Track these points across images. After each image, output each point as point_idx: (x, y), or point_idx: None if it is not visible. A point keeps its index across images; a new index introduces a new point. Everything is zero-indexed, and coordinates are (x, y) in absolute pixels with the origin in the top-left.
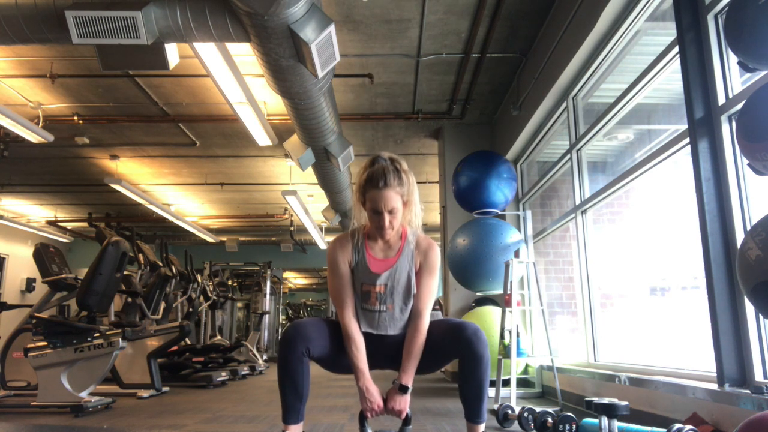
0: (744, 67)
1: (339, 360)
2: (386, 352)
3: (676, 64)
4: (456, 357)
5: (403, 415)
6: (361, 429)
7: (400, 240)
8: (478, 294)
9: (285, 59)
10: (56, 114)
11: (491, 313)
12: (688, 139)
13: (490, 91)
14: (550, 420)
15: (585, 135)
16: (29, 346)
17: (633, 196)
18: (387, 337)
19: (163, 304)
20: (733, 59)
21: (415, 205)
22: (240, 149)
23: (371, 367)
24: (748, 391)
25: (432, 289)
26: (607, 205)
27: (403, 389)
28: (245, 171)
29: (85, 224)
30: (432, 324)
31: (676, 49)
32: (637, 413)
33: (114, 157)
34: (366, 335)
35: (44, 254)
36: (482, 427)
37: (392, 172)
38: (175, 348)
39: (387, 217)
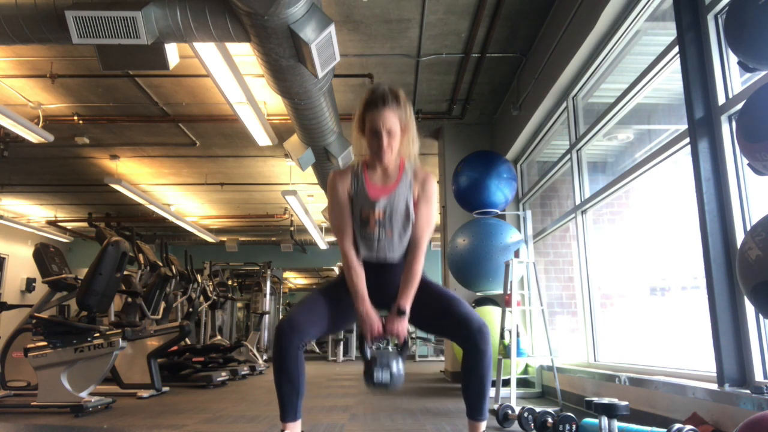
0: (744, 67)
1: (336, 327)
2: (386, 284)
3: (676, 64)
4: (455, 341)
5: (402, 338)
6: (362, 352)
7: (398, 170)
8: (478, 294)
9: (285, 59)
10: (56, 114)
11: (491, 313)
12: (688, 139)
13: (490, 91)
14: (550, 420)
15: (585, 135)
16: (29, 346)
17: (633, 196)
18: (386, 266)
19: (163, 304)
20: (733, 59)
21: (413, 135)
22: (240, 149)
23: (374, 304)
24: (748, 391)
25: (429, 217)
26: (607, 205)
27: (401, 313)
28: (245, 171)
29: (85, 224)
30: (446, 293)
31: (676, 49)
32: (637, 413)
33: (114, 157)
34: (367, 264)
35: (44, 254)
36: (483, 425)
37: (390, 95)
38: (175, 348)
39: (385, 139)
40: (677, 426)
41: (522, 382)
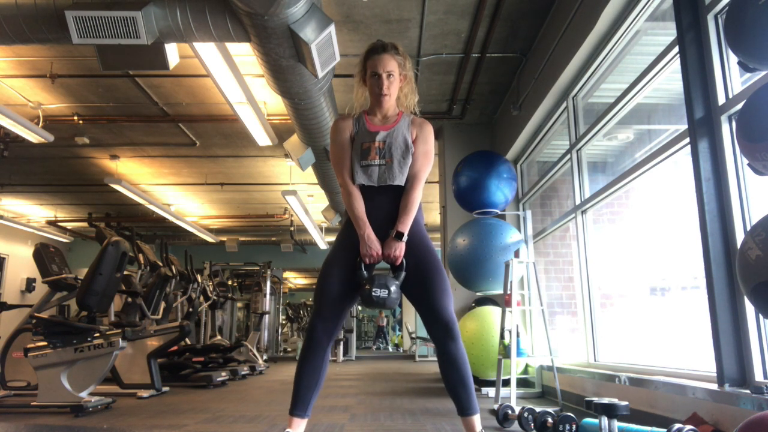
0: (744, 67)
1: (354, 292)
2: (386, 212)
3: (676, 64)
4: (427, 329)
5: (399, 261)
6: (359, 273)
7: (396, 116)
8: (478, 294)
9: (285, 59)
10: (56, 114)
11: (491, 313)
12: (688, 139)
13: (490, 91)
14: (550, 420)
15: (585, 135)
16: (29, 346)
17: (633, 196)
18: (387, 190)
19: (163, 304)
20: (733, 59)
21: (412, 87)
22: (240, 149)
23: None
24: (748, 391)
25: (427, 154)
26: (607, 205)
27: (399, 236)
28: (245, 171)
29: (85, 224)
30: (434, 273)
31: (676, 49)
32: (637, 413)
33: (114, 157)
34: (368, 190)
35: (44, 254)
36: (476, 418)
37: (390, 45)
38: (175, 348)
39: (385, 81)
40: (677, 426)
41: (522, 382)
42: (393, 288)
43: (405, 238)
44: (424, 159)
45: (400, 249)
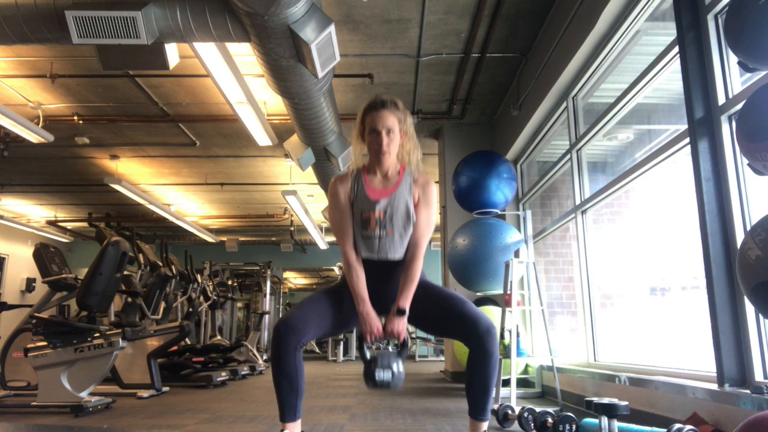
0: (744, 67)
1: (334, 330)
2: (386, 285)
3: (676, 64)
4: (461, 341)
5: (401, 338)
6: (361, 352)
7: (398, 175)
8: (478, 294)
9: (285, 59)
10: (56, 114)
11: (491, 313)
12: (688, 139)
13: (490, 91)
14: (550, 420)
15: (585, 135)
16: (29, 346)
17: (633, 196)
18: (388, 265)
19: (163, 304)
20: (733, 59)
21: (414, 143)
22: (240, 149)
23: (374, 307)
24: (748, 391)
25: (429, 220)
26: (607, 205)
27: (401, 312)
28: (245, 171)
29: (85, 224)
30: (452, 295)
31: (676, 49)
32: (637, 413)
33: (114, 157)
34: (368, 264)
35: (44, 254)
36: (485, 425)
37: (390, 100)
38: (175, 348)
39: (385, 139)
40: (677, 426)
41: (522, 382)
42: (397, 368)
43: (407, 314)
44: (426, 226)
45: (402, 325)
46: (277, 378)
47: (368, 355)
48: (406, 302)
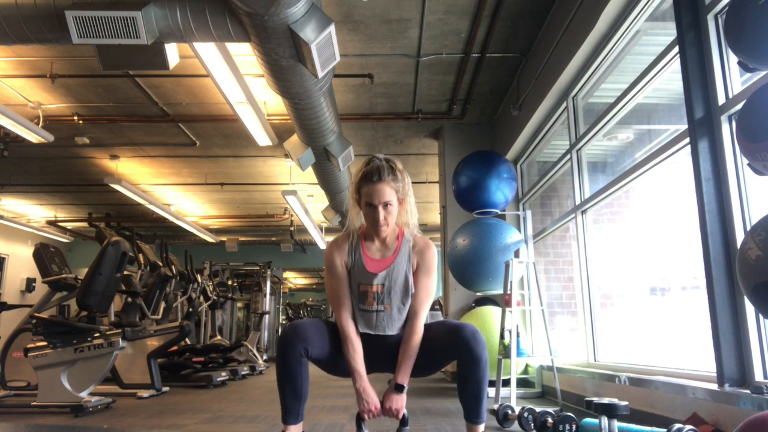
0: (744, 67)
1: (338, 362)
2: (385, 354)
3: (676, 64)
4: (454, 358)
5: (400, 415)
6: (359, 431)
7: (396, 240)
8: (478, 294)
9: (285, 59)
10: (56, 114)
11: (491, 313)
12: (688, 139)
13: (490, 91)
14: (550, 420)
15: (585, 135)
16: (29, 346)
17: (633, 196)
18: (386, 337)
19: (163, 304)
20: (733, 59)
21: (411, 205)
22: (240, 149)
23: (370, 370)
24: (748, 391)
25: (429, 289)
26: (607, 205)
27: (399, 388)
28: (245, 171)
29: (85, 224)
30: (431, 326)
31: (676, 49)
32: (637, 413)
33: (114, 157)
34: (364, 336)
35: (44, 254)
36: (481, 427)
37: (387, 168)
38: (175, 348)
39: (381, 212)
40: (677, 426)
41: (522, 382)
42: None
43: (406, 390)
44: (426, 295)
45: (401, 402)
46: (282, 382)
47: None
48: (404, 378)
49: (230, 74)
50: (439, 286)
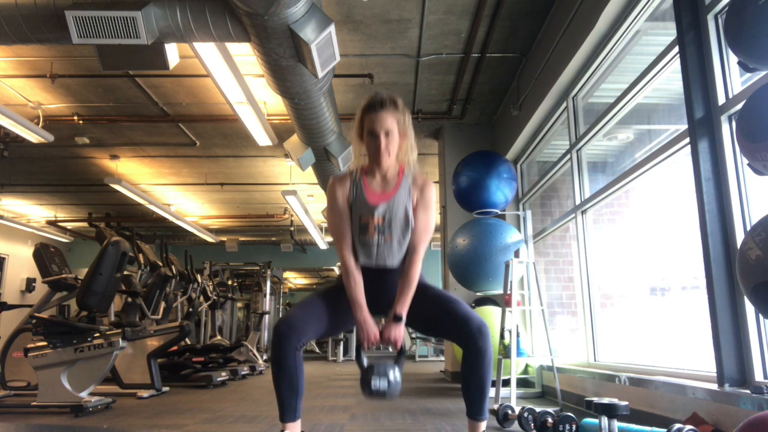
0: (744, 67)
1: (334, 330)
2: (384, 290)
3: (676, 64)
4: (458, 345)
5: (399, 345)
6: (358, 359)
7: (397, 176)
8: (478, 294)
9: (285, 59)
10: (56, 114)
11: (491, 313)
12: (688, 139)
13: (490, 91)
14: (550, 420)
15: (585, 135)
16: (29, 346)
17: (633, 196)
18: (386, 272)
19: (163, 304)
20: (733, 59)
21: (412, 142)
22: (240, 149)
23: (372, 310)
24: (748, 391)
25: (428, 224)
26: (607, 205)
27: (398, 319)
28: (245, 171)
29: (85, 224)
30: (442, 297)
31: (676, 49)
32: (637, 413)
33: (114, 157)
34: (365, 270)
35: (44, 254)
36: (483, 425)
37: (389, 100)
38: (175, 348)
39: (384, 140)
40: (677, 426)
41: (522, 382)
42: (393, 377)
43: (404, 320)
44: (425, 230)
45: (399, 332)
46: (277, 377)
47: (365, 362)
48: (403, 309)
49: (230, 74)
50: (438, 285)
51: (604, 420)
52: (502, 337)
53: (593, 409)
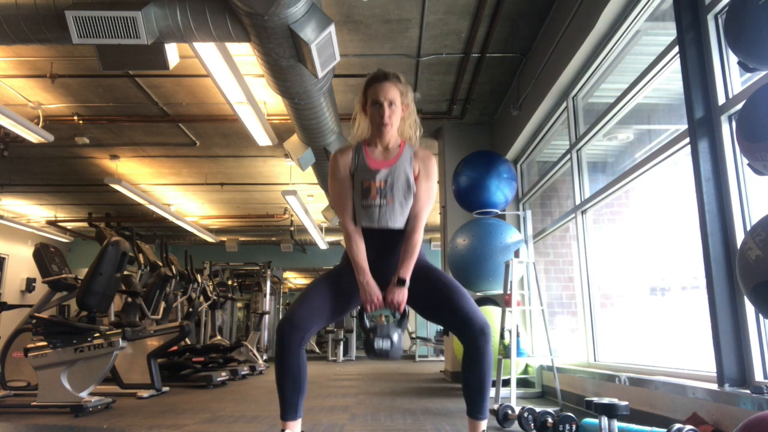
0: (744, 67)
1: (337, 314)
2: (387, 255)
3: (676, 64)
4: (455, 335)
5: (402, 308)
6: (361, 322)
7: (398, 147)
8: (478, 294)
9: (285, 59)
10: (56, 114)
11: (491, 313)
12: (688, 139)
13: (490, 91)
14: (550, 420)
15: (585, 135)
16: (29, 346)
17: (633, 196)
18: (389, 233)
19: (163, 304)
20: (733, 59)
21: (414, 118)
22: (240, 149)
23: (375, 274)
24: (748, 391)
25: (430, 192)
26: (607, 205)
27: (401, 282)
28: (245, 171)
29: (85, 224)
30: (449, 285)
31: (676, 49)
32: (637, 413)
33: (114, 157)
34: (369, 232)
35: (44, 254)
36: (483, 424)
37: (392, 73)
38: (175, 348)
39: (387, 110)
40: (677, 426)
41: (522, 382)
42: (395, 338)
43: (407, 284)
44: (426, 198)
45: (402, 295)
46: (281, 376)
47: (368, 324)
48: (406, 273)
49: (230, 74)
50: None
51: (604, 420)
52: (502, 337)
53: (593, 409)
